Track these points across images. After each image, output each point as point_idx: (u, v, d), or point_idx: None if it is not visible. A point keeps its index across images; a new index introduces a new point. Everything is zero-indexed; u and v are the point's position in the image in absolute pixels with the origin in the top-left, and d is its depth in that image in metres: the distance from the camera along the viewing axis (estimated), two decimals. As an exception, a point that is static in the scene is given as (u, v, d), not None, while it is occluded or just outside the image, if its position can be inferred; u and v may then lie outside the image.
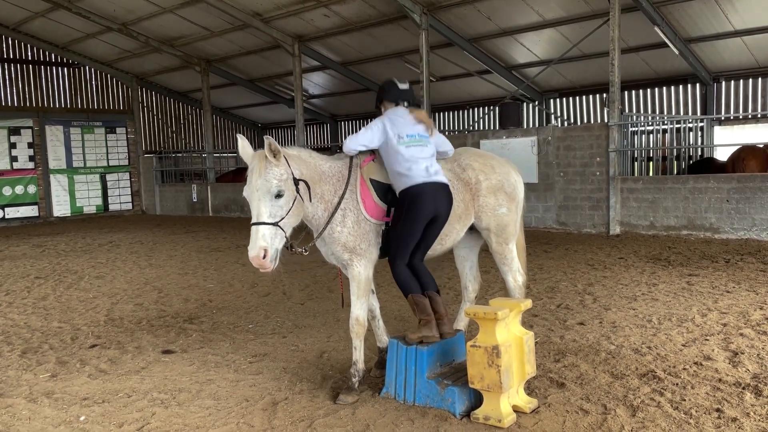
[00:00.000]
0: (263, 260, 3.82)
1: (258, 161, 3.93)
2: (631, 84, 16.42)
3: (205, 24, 17.10)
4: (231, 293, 7.82)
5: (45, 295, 8.08)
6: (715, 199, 10.72)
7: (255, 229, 3.87)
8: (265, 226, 3.85)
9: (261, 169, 3.90)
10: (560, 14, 13.86)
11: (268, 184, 3.89)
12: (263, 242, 3.83)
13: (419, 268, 4.30)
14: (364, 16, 15.24)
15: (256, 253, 3.81)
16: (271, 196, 3.89)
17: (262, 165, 3.91)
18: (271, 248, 3.85)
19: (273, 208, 3.90)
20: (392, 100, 4.49)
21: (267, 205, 3.89)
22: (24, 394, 4.54)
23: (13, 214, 19.47)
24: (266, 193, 3.89)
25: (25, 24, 18.94)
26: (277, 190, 3.90)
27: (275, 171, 3.91)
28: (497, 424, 3.68)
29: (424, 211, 4.16)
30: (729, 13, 12.79)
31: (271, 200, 3.90)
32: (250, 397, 4.32)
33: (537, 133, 13.02)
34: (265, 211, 3.88)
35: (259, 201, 3.89)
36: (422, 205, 4.15)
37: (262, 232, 3.85)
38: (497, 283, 7.58)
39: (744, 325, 5.53)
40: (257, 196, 3.90)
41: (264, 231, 3.85)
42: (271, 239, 3.87)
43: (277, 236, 3.90)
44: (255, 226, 3.87)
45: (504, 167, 4.81)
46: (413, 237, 4.21)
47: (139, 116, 22.46)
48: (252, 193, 3.93)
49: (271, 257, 3.85)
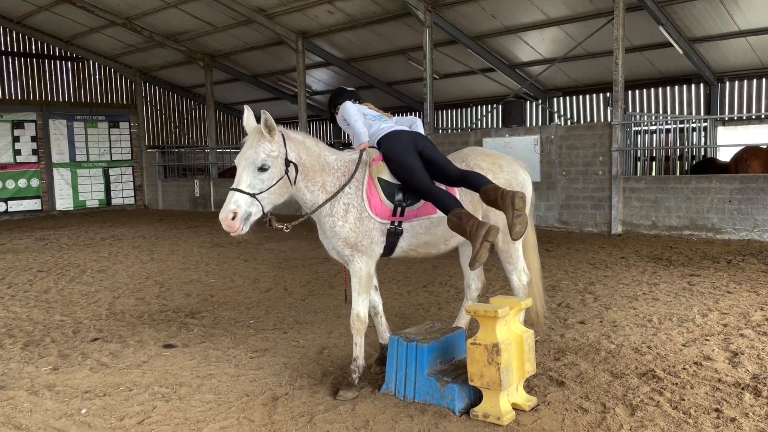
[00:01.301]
0: (232, 221, 3.88)
1: (254, 133, 4.04)
2: (634, 83, 16.40)
3: (208, 19, 17.10)
4: (232, 288, 7.84)
5: (47, 288, 8.11)
6: (717, 199, 10.71)
7: (231, 194, 3.95)
8: (240, 193, 3.94)
9: (254, 141, 4.01)
10: (565, 13, 13.84)
11: (255, 156, 3.97)
12: (234, 206, 3.90)
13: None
14: (368, 13, 15.23)
15: (225, 215, 3.89)
16: (255, 167, 3.97)
17: (256, 138, 4.02)
18: (242, 212, 3.91)
19: (254, 179, 3.98)
20: (347, 100, 4.91)
21: (249, 175, 3.97)
22: (26, 387, 4.56)
23: (16, 207, 19.51)
24: (251, 164, 3.97)
25: (30, 17, 18.96)
26: (261, 163, 3.98)
27: (266, 146, 4.00)
28: (496, 422, 3.70)
29: (402, 141, 4.38)
30: (734, 13, 12.76)
31: (254, 171, 3.98)
32: (250, 392, 4.33)
33: (540, 132, 13.01)
34: (245, 179, 3.97)
35: (243, 169, 3.99)
36: (400, 138, 4.41)
37: (236, 197, 3.93)
38: (498, 281, 7.59)
39: (744, 326, 5.53)
40: (243, 165, 4.00)
41: (238, 197, 3.93)
42: (246, 206, 3.94)
43: (252, 206, 3.97)
44: (232, 191, 3.95)
45: (512, 166, 4.82)
46: (414, 167, 4.28)
47: (142, 111, 22.48)
48: (240, 160, 4.04)
49: (240, 218, 3.91)
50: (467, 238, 4.03)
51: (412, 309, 6.56)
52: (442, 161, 4.39)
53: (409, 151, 4.35)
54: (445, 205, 4.17)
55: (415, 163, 4.31)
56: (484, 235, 3.92)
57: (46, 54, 20.60)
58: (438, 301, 6.89)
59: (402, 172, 4.31)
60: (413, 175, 4.27)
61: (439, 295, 7.14)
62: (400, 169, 4.31)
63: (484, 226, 3.94)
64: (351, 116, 4.66)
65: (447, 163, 4.39)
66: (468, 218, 4.03)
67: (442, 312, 6.38)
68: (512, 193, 3.93)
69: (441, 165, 4.37)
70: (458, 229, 4.08)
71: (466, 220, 4.02)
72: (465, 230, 4.01)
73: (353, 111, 4.68)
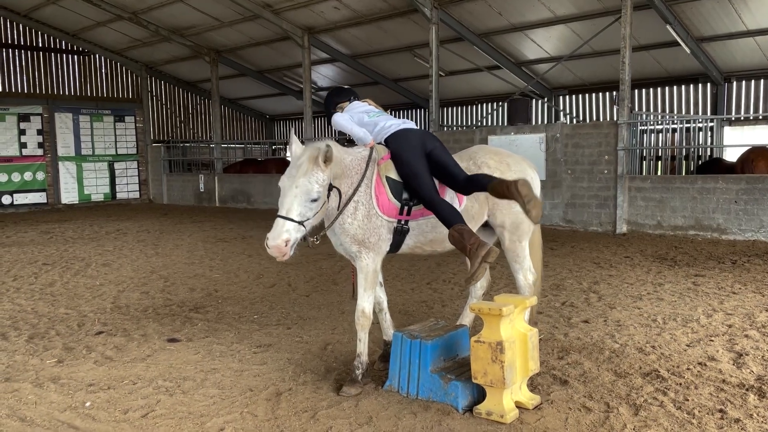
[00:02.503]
0: (285, 248, 3.90)
1: (308, 161, 3.98)
2: (641, 82, 16.34)
3: (215, 14, 17.10)
4: (237, 284, 7.85)
5: (52, 281, 8.14)
6: (723, 199, 10.67)
7: (282, 223, 3.92)
8: (292, 223, 3.92)
9: (308, 170, 3.96)
10: (571, 11, 13.79)
11: (310, 187, 3.95)
12: (287, 235, 3.90)
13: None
14: (375, 9, 15.21)
15: (277, 243, 3.88)
16: (308, 198, 3.96)
17: (311, 166, 3.97)
18: (293, 240, 3.94)
19: (304, 208, 3.96)
20: (345, 98, 4.96)
21: (300, 205, 3.95)
22: (30, 379, 4.58)
23: (22, 200, 19.57)
24: (304, 194, 3.95)
25: (37, 11, 18.98)
26: (316, 195, 3.97)
27: (320, 176, 3.98)
28: (499, 420, 3.70)
29: (410, 143, 4.35)
30: (742, 12, 12.70)
31: (306, 202, 3.96)
32: (254, 387, 4.34)
33: (545, 130, 12.98)
34: (296, 209, 3.94)
35: (294, 198, 3.94)
36: (409, 138, 4.38)
37: (287, 226, 3.91)
38: (503, 279, 7.58)
39: (749, 327, 5.52)
40: (294, 193, 3.94)
41: (289, 226, 3.92)
42: (295, 233, 3.94)
43: (299, 231, 3.97)
44: (283, 219, 3.92)
45: (520, 165, 4.80)
46: (421, 172, 4.26)
47: (147, 105, 22.51)
48: (290, 188, 3.96)
49: (291, 245, 3.93)
50: (467, 255, 4.08)
51: (416, 306, 6.57)
52: (451, 165, 4.38)
53: (416, 154, 4.33)
54: (447, 219, 4.18)
55: (421, 168, 4.29)
56: (483, 255, 3.99)
57: (53, 47, 20.64)
58: (442, 298, 6.89)
59: (408, 175, 4.29)
60: (419, 181, 4.26)
61: (443, 293, 7.14)
62: (407, 172, 4.30)
63: (484, 247, 4.00)
64: (345, 128, 4.62)
65: (456, 167, 4.39)
66: (470, 236, 4.07)
67: (446, 309, 6.38)
68: (515, 181, 3.96)
69: (450, 168, 4.36)
70: (458, 245, 4.11)
71: (468, 238, 4.06)
72: (465, 247, 4.06)
73: (343, 122, 4.62)
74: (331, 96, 5.02)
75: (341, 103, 4.95)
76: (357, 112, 4.74)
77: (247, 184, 19.07)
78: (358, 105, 4.86)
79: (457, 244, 4.12)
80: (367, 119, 4.67)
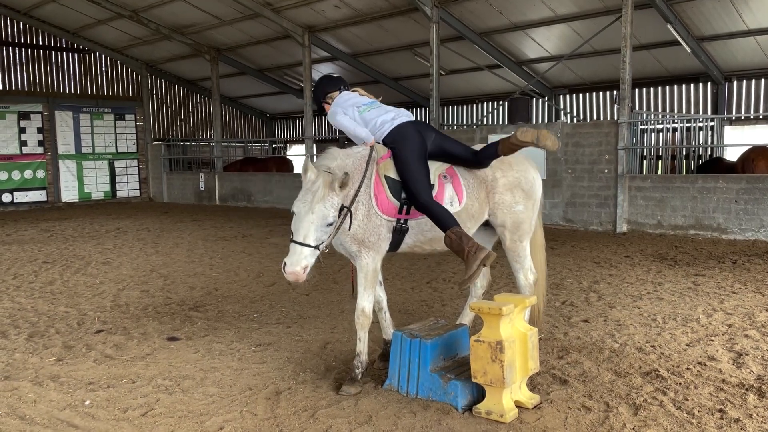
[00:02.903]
0: (302, 275, 3.92)
1: (323, 186, 3.96)
2: (642, 81, 16.33)
3: (215, 12, 17.09)
4: (236, 282, 7.85)
5: (52, 279, 8.14)
6: (723, 199, 10.67)
7: (300, 249, 3.91)
8: (309, 248, 3.92)
9: (324, 196, 3.94)
10: (572, 10, 13.78)
11: (326, 212, 3.95)
12: (305, 262, 3.91)
13: None
14: (375, 8, 15.20)
15: (296, 270, 3.89)
16: (325, 224, 3.96)
17: (326, 191, 3.95)
18: (310, 264, 3.96)
19: (320, 233, 3.97)
20: (335, 88, 4.86)
21: (317, 231, 3.95)
22: (30, 378, 4.58)
23: (22, 198, 19.57)
24: (321, 219, 3.94)
25: (37, 9, 18.97)
26: (332, 219, 3.98)
27: (335, 200, 3.98)
28: (499, 419, 3.69)
29: (413, 141, 4.34)
30: (743, 11, 12.68)
31: (323, 226, 3.96)
32: (253, 385, 4.34)
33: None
34: (312, 235, 3.93)
35: (310, 224, 3.93)
36: (409, 138, 4.36)
37: (305, 253, 3.91)
38: (502, 279, 7.58)
39: (749, 327, 5.51)
40: (311, 219, 3.93)
41: (307, 253, 3.92)
42: (311, 258, 3.96)
43: (314, 255, 3.98)
44: (300, 246, 3.91)
45: (522, 164, 4.78)
46: (419, 176, 4.27)
47: (148, 103, 22.50)
48: (306, 213, 3.94)
49: (307, 272, 3.96)
50: (463, 258, 4.09)
51: (416, 305, 6.56)
52: (456, 150, 4.45)
53: (415, 154, 4.31)
54: (442, 222, 4.19)
55: (420, 170, 4.28)
56: (482, 259, 4.03)
57: (53, 45, 20.63)
58: (442, 297, 6.89)
59: (407, 177, 4.27)
60: (416, 186, 4.24)
61: (443, 292, 7.13)
62: (406, 175, 4.28)
63: (482, 251, 4.04)
64: (347, 128, 4.55)
65: (460, 148, 4.46)
66: (467, 239, 4.10)
67: (446, 309, 6.38)
68: (514, 134, 4.22)
69: (456, 153, 4.45)
70: (455, 248, 4.12)
71: (466, 241, 4.09)
72: (463, 250, 4.07)
73: (346, 123, 4.54)
74: (321, 86, 4.91)
75: (331, 93, 4.85)
76: (348, 105, 4.66)
77: (248, 182, 19.07)
78: (348, 96, 4.74)
79: (454, 246, 4.13)
80: (359, 115, 4.59)
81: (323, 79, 4.98)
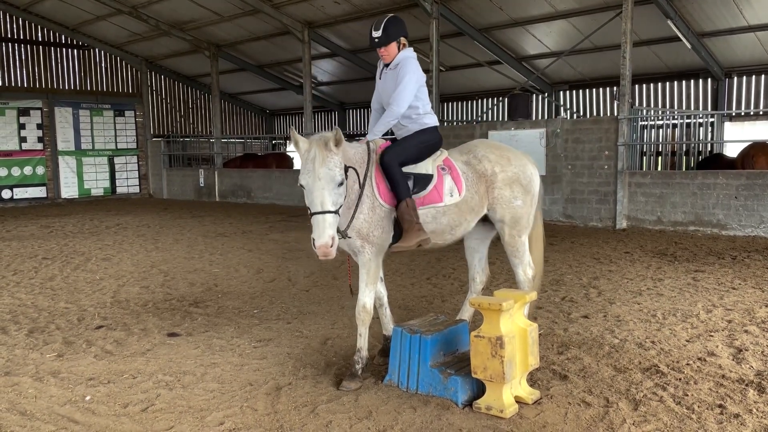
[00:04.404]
0: (330, 248, 3.82)
1: (319, 149, 3.89)
2: (642, 77, 16.32)
3: (215, 8, 17.06)
4: (236, 278, 7.85)
5: (52, 275, 8.14)
6: (723, 195, 10.67)
7: (322, 218, 3.83)
8: (330, 214, 3.84)
9: (323, 158, 3.87)
10: (572, 5, 13.75)
11: (332, 173, 3.88)
12: (331, 231, 3.83)
13: None
14: (375, 4, 15.17)
15: (326, 241, 3.80)
16: (335, 184, 3.89)
17: (324, 154, 3.89)
18: (336, 234, 3.89)
19: (335, 196, 3.90)
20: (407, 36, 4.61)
21: (332, 194, 3.87)
22: (30, 373, 4.58)
23: (22, 194, 19.57)
24: (330, 182, 3.87)
25: (36, 5, 18.94)
26: (340, 178, 3.91)
27: (336, 159, 3.92)
28: (499, 415, 3.70)
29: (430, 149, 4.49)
30: (743, 7, 12.66)
31: (335, 188, 3.89)
32: (254, 381, 4.35)
33: (546, 125, 12.96)
34: (329, 199, 3.85)
35: (323, 190, 3.85)
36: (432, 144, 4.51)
37: (329, 221, 3.83)
38: (502, 274, 7.58)
39: (749, 322, 5.52)
40: (321, 185, 3.85)
41: (330, 220, 3.84)
42: (336, 225, 3.90)
43: (336, 221, 3.92)
44: (321, 215, 3.83)
45: (520, 159, 4.79)
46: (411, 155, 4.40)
47: (147, 100, 22.47)
48: (315, 181, 3.87)
49: (336, 244, 3.88)
50: (404, 228, 4.21)
51: (416, 301, 6.57)
52: None
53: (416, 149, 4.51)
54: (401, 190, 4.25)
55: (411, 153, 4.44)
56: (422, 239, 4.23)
57: (53, 42, 20.59)
58: (441, 293, 6.89)
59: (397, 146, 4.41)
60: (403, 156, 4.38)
61: (443, 288, 7.14)
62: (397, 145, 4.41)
63: (424, 233, 4.23)
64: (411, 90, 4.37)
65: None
66: (417, 216, 4.24)
67: (446, 304, 6.39)
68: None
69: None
70: (406, 216, 4.22)
71: (416, 216, 4.23)
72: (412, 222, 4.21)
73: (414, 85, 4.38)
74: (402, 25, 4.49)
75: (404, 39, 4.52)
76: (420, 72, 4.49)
77: (247, 178, 19.06)
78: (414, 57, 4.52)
79: (405, 215, 4.20)
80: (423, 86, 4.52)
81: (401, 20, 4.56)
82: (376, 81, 4.70)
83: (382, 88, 4.62)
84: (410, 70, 4.38)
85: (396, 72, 4.46)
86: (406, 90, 4.37)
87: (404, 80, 4.38)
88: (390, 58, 4.50)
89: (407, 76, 4.38)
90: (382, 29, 4.41)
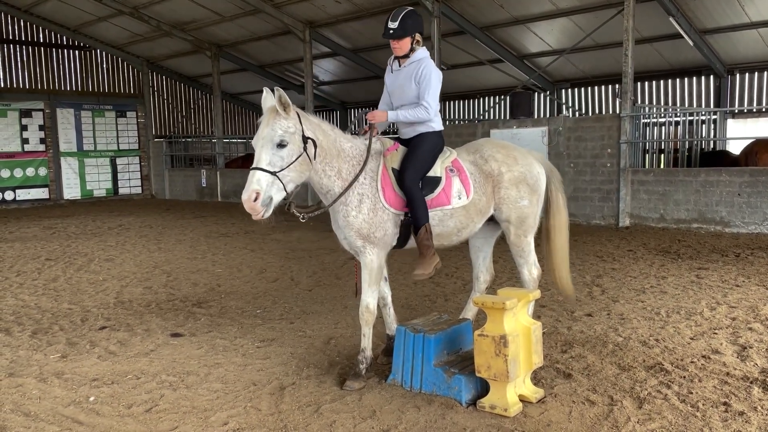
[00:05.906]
0: (254, 203, 3.85)
1: (269, 112, 3.97)
2: (644, 75, 16.28)
3: (216, 9, 17.05)
4: (239, 278, 7.86)
5: (55, 276, 8.15)
6: (726, 192, 10.64)
7: (252, 173, 3.90)
8: (261, 172, 3.88)
9: (269, 120, 3.94)
10: (574, 3, 13.73)
11: (273, 133, 3.92)
12: (257, 186, 3.86)
13: None
14: (376, 3, 15.15)
15: (248, 195, 3.85)
16: (273, 145, 3.92)
17: (272, 116, 3.95)
18: (264, 193, 3.88)
19: (273, 157, 3.92)
20: (422, 32, 4.54)
21: (268, 153, 3.91)
22: (34, 374, 4.58)
23: (24, 196, 19.59)
24: (269, 142, 3.92)
25: (37, 6, 18.95)
26: (280, 139, 3.92)
27: (283, 123, 3.94)
28: (503, 413, 3.69)
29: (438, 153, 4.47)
30: (745, 4, 12.62)
31: (272, 149, 3.92)
32: (257, 381, 4.35)
33: (548, 124, 12.94)
34: (265, 158, 3.91)
35: (261, 148, 3.93)
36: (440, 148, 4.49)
37: (257, 176, 3.88)
38: (505, 273, 7.57)
39: (753, 320, 5.50)
40: (261, 144, 3.93)
41: (259, 176, 3.88)
42: (267, 186, 3.90)
43: (273, 186, 3.92)
44: (252, 170, 3.91)
45: (527, 159, 4.77)
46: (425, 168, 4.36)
47: (149, 100, 22.48)
48: (257, 140, 3.97)
49: (262, 201, 3.87)
50: (424, 255, 4.27)
51: (419, 300, 6.56)
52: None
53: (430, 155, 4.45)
54: (421, 215, 4.24)
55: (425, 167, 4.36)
56: (435, 265, 4.29)
57: (54, 43, 20.60)
58: (445, 292, 6.89)
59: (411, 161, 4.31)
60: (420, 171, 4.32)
61: (446, 287, 7.13)
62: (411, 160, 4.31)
63: (438, 260, 4.31)
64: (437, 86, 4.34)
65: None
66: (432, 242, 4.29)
67: (449, 303, 6.38)
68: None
69: None
70: (424, 242, 4.27)
71: (432, 242, 4.28)
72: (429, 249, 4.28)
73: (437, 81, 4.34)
74: (419, 18, 4.43)
75: (419, 36, 4.45)
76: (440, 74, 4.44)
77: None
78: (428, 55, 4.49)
79: (424, 241, 4.24)
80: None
81: (417, 13, 4.47)
82: (386, 76, 4.63)
83: (393, 85, 4.54)
84: (433, 70, 4.37)
85: (414, 71, 4.40)
86: (435, 92, 4.38)
87: (431, 83, 4.34)
88: (402, 51, 4.44)
89: (433, 79, 4.36)
90: (399, 21, 4.34)
